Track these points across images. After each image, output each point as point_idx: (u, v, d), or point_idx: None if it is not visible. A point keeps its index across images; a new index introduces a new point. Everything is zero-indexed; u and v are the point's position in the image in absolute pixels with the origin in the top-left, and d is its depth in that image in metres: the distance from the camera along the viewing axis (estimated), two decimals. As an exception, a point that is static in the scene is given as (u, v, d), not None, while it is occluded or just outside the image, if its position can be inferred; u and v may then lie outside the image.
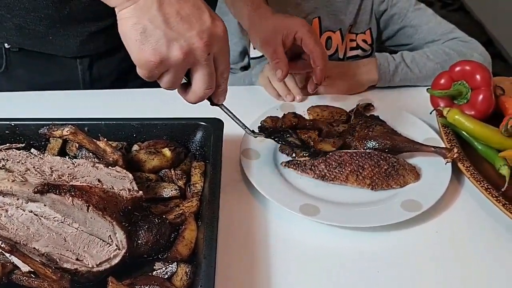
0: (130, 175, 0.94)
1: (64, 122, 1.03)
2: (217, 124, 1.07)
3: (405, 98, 1.31)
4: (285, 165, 1.05)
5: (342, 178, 1.02)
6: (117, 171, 0.94)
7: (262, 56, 1.42)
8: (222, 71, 0.83)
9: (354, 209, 0.99)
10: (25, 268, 0.85)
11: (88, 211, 0.85)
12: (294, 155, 1.07)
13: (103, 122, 1.08)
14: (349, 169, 1.04)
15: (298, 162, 1.05)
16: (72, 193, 0.84)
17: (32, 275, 0.84)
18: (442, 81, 1.19)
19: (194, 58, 0.78)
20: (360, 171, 1.03)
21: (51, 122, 1.04)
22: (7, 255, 0.86)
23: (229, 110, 0.95)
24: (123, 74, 1.46)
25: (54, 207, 0.85)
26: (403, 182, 1.04)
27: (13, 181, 0.86)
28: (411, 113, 1.22)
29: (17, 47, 1.35)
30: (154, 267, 0.88)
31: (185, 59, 0.77)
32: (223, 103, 0.92)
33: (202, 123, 1.08)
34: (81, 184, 0.87)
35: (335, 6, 1.44)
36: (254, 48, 1.43)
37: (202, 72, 0.80)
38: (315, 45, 1.16)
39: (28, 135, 1.07)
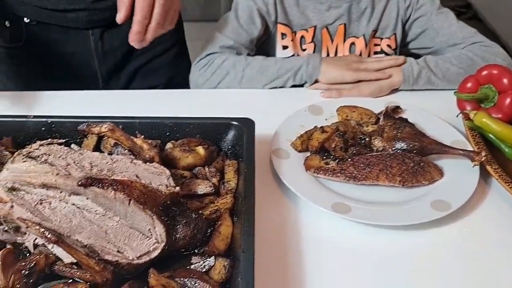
0: (167, 171, 0.96)
1: (101, 120, 1.06)
2: (249, 124, 1.09)
3: (431, 101, 1.33)
4: (314, 172, 1.07)
5: (372, 177, 1.04)
6: (154, 167, 0.96)
7: (290, 57, 1.45)
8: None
9: (385, 208, 1.01)
10: (67, 259, 0.87)
11: (129, 205, 0.87)
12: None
13: (137, 121, 1.10)
14: (378, 168, 1.05)
15: (327, 168, 1.07)
16: (114, 187, 0.87)
17: (74, 266, 0.87)
18: (469, 84, 1.21)
19: None
20: (389, 169, 1.05)
21: (86, 120, 1.07)
22: (50, 246, 0.89)
23: None
24: (132, 48, 1.50)
25: (96, 200, 0.87)
26: (430, 178, 1.06)
27: (57, 174, 0.88)
28: (437, 116, 1.24)
29: (35, 21, 1.42)
30: (192, 261, 0.90)
31: None
32: None
33: (234, 122, 1.10)
34: (122, 178, 0.89)
35: (359, 12, 1.46)
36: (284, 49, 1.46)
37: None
38: (139, 15, 1.18)
39: (64, 132, 1.09)
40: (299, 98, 1.33)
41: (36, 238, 0.91)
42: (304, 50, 1.46)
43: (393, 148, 1.09)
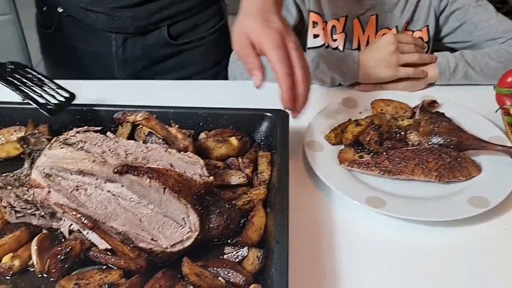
0: (201, 161, 0.96)
1: (136, 109, 1.07)
2: (282, 116, 1.08)
3: (468, 96, 1.29)
4: (348, 165, 1.06)
5: (408, 171, 1.02)
6: (189, 157, 0.96)
7: (321, 46, 1.43)
8: None
9: (421, 203, 0.99)
10: (102, 245, 0.88)
11: (164, 193, 0.87)
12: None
13: (171, 110, 1.11)
14: (414, 163, 1.03)
15: (361, 161, 1.06)
16: (150, 175, 0.87)
17: (108, 252, 0.87)
18: (510, 79, 1.18)
19: None
20: (425, 164, 1.03)
21: (121, 109, 1.07)
22: (85, 232, 0.90)
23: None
24: (154, 62, 1.50)
25: (131, 188, 0.88)
26: (468, 174, 1.04)
27: (93, 161, 0.89)
28: (474, 111, 1.21)
29: (67, 12, 1.45)
30: (224, 251, 0.90)
31: None
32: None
33: (268, 114, 1.09)
34: (157, 167, 0.90)
35: (392, 3, 1.43)
36: (314, 38, 1.43)
37: None
38: (277, 63, 0.97)
39: (98, 120, 1.10)
40: (333, 90, 1.31)
41: (71, 224, 0.92)
42: (334, 40, 1.44)
43: (429, 143, 1.07)
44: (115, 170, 0.86)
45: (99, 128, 0.98)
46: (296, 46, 1.00)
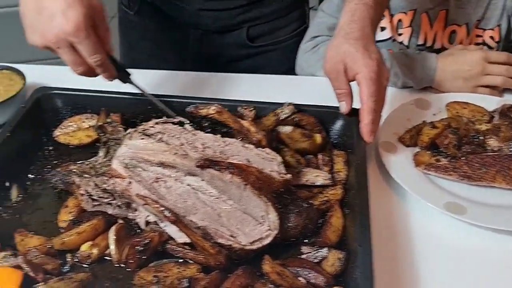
0: (279, 158, 0.94)
1: (208, 102, 1.06)
2: (357, 114, 1.06)
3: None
4: (424, 168, 1.02)
5: (489, 178, 0.99)
6: (266, 153, 0.94)
7: (387, 39, 1.39)
8: (86, 57, 0.93)
9: (503, 211, 0.96)
10: (180, 239, 0.87)
11: (245, 190, 0.86)
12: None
13: (243, 104, 1.09)
14: (495, 169, 1.00)
15: (439, 165, 1.02)
16: (231, 170, 0.86)
17: (186, 246, 0.87)
18: None
19: (50, 46, 0.91)
20: (507, 171, 0.99)
21: (192, 101, 1.07)
22: (162, 225, 0.89)
23: (139, 86, 1.04)
24: (228, 61, 1.49)
25: (211, 182, 0.87)
26: (552, 183, 1.00)
27: (175, 154, 0.88)
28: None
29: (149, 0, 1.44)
30: (302, 250, 0.89)
31: (44, 46, 0.92)
32: (133, 81, 1.04)
33: (343, 112, 1.07)
34: (238, 162, 0.88)
35: None
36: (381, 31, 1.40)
37: (63, 58, 0.94)
38: (368, 97, 0.97)
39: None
40: (405, 90, 1.28)
41: (148, 215, 0.91)
42: (400, 34, 1.40)
43: (511, 149, 1.03)
44: (198, 164, 0.85)
45: (177, 119, 0.97)
46: (387, 82, 1.00)
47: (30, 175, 1.04)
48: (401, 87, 1.26)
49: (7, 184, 1.00)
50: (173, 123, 0.96)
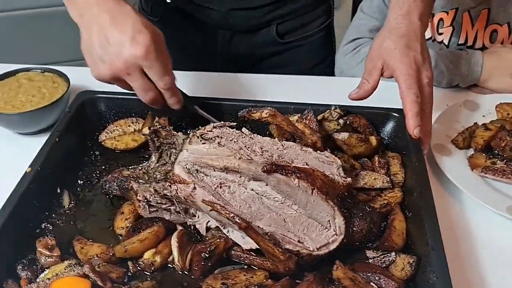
0: (339, 161, 0.93)
1: (259, 105, 1.04)
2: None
3: None
4: (481, 171, 1.01)
5: (548, 180, 0.98)
6: (326, 156, 0.93)
7: (427, 40, 1.38)
8: (156, 80, 0.95)
9: None
10: (246, 245, 0.86)
11: (312, 194, 0.84)
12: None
13: (292, 107, 1.08)
14: (558, 173, 0.99)
15: (496, 168, 1.01)
16: (298, 175, 0.84)
17: (252, 253, 0.85)
18: None
19: (119, 75, 0.94)
20: None
21: (245, 104, 1.06)
22: (225, 231, 0.88)
23: (206, 114, 1.04)
24: (258, 60, 1.48)
25: (277, 187, 0.85)
26: None
27: (239, 158, 0.86)
28: None
29: (175, 4, 1.42)
30: (367, 255, 0.88)
31: (112, 76, 0.94)
32: (199, 109, 1.05)
33: (394, 113, 1.06)
34: (304, 166, 0.87)
35: None
36: None
37: (133, 85, 0.95)
38: (407, 92, 0.96)
39: (217, 114, 1.08)
40: (452, 90, 1.26)
41: (208, 221, 0.90)
42: (440, 34, 1.40)
43: None
44: (264, 168, 0.84)
45: (235, 123, 0.96)
46: (430, 81, 0.99)
47: (79, 181, 1.02)
48: (447, 86, 1.25)
49: (58, 190, 0.98)
50: (231, 127, 0.94)
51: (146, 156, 1.07)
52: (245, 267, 0.86)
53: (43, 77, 1.18)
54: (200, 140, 0.90)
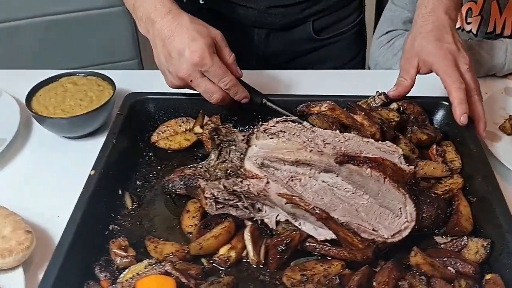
0: (400, 150, 0.94)
1: (316, 99, 1.05)
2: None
3: None
4: None
5: None
6: (387, 146, 0.94)
7: (457, 29, 1.39)
8: (217, 82, 1.01)
9: None
10: (320, 236, 0.87)
11: (384, 183, 0.86)
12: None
13: (341, 99, 1.09)
14: None
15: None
16: (369, 165, 0.86)
17: (327, 243, 0.86)
18: None
19: (185, 82, 1.02)
20: None
21: (303, 99, 1.07)
22: (296, 223, 0.89)
23: (274, 106, 1.07)
24: (295, 57, 1.49)
25: (349, 178, 0.86)
26: None
27: (310, 151, 0.87)
28: None
29: (208, 5, 1.43)
30: (437, 240, 0.89)
31: (180, 84, 1.03)
32: (268, 101, 1.07)
33: (443, 102, 1.08)
34: (373, 156, 0.88)
35: None
36: None
37: (198, 90, 1.03)
38: (449, 81, 0.99)
39: (268, 110, 1.08)
40: (488, 79, 1.28)
41: (277, 215, 0.91)
42: (468, 23, 1.42)
43: None
44: (337, 160, 0.85)
45: (296, 117, 0.97)
46: (470, 67, 1.02)
47: (138, 182, 1.02)
48: (484, 74, 1.27)
49: (120, 192, 0.98)
50: (292, 121, 0.95)
51: (199, 155, 1.08)
52: (319, 258, 0.87)
53: (87, 81, 1.18)
54: (268, 135, 0.90)
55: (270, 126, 0.94)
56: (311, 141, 0.93)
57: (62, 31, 1.71)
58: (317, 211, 0.81)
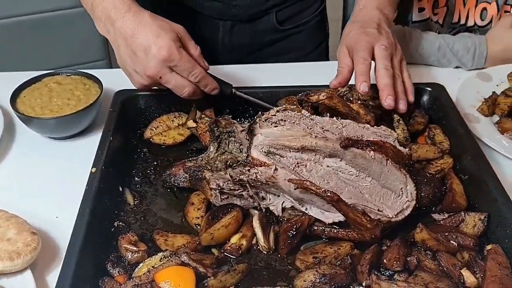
0: (395, 134, 0.98)
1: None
2: (441, 88, 1.13)
3: None
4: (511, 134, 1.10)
5: None
6: (382, 130, 0.98)
7: (425, 20, 1.47)
8: (187, 76, 1.02)
9: None
10: (328, 219, 0.89)
11: (386, 165, 0.89)
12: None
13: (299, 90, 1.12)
14: None
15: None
16: (372, 147, 0.89)
17: (335, 226, 0.89)
18: None
19: (154, 80, 1.02)
20: None
21: (301, 89, 1.10)
22: (303, 208, 0.91)
23: (245, 95, 1.10)
24: (259, 48, 1.51)
25: (353, 161, 0.89)
26: None
27: (315, 137, 0.90)
28: None
29: None
30: (434, 217, 0.94)
31: (149, 82, 1.03)
32: (237, 91, 1.10)
33: (427, 88, 1.13)
34: (374, 139, 0.92)
35: None
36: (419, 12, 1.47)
37: (169, 85, 1.03)
38: (357, 59, 1.06)
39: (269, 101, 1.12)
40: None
41: (283, 202, 0.93)
42: (435, 14, 1.49)
43: None
44: (342, 144, 0.88)
45: (294, 106, 0.99)
46: (386, 48, 1.07)
47: (136, 178, 1.02)
48: (453, 67, 1.34)
49: (120, 189, 0.98)
50: (292, 110, 0.97)
51: (194, 149, 1.09)
52: (327, 241, 0.90)
53: (71, 80, 1.15)
54: (271, 124, 0.92)
55: (271, 115, 0.95)
56: (310, 128, 0.95)
57: (28, 33, 1.66)
58: (329, 193, 0.84)
